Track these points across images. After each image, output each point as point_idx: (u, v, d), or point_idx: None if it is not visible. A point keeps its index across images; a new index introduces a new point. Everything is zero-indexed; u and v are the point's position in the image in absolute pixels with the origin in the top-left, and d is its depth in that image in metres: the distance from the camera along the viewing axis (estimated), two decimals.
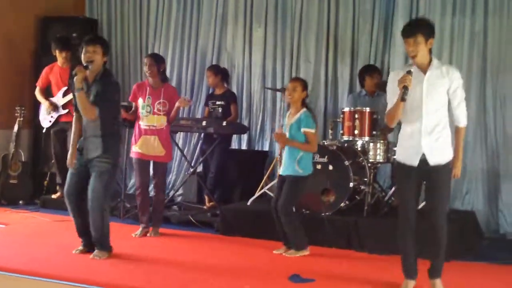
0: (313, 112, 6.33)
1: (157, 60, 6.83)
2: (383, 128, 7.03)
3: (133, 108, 6.87)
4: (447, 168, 4.76)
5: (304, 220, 6.36)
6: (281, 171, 6.23)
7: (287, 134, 6.16)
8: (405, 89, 4.60)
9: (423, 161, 4.72)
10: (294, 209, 6.18)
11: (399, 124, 4.92)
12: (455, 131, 4.81)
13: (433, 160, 4.71)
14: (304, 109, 6.18)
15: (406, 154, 4.82)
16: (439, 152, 4.72)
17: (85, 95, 5.55)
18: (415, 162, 4.74)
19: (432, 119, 4.71)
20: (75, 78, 5.53)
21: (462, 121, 4.79)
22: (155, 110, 6.71)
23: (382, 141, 6.93)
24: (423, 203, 5.24)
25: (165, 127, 6.79)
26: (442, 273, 4.86)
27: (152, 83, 6.80)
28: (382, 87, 7.23)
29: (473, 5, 7.65)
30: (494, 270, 5.85)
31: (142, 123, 6.74)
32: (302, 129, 6.11)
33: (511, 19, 7.49)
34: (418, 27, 4.68)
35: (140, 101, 6.75)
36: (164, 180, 7.12)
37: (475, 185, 7.65)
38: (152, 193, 7.15)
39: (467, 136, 7.49)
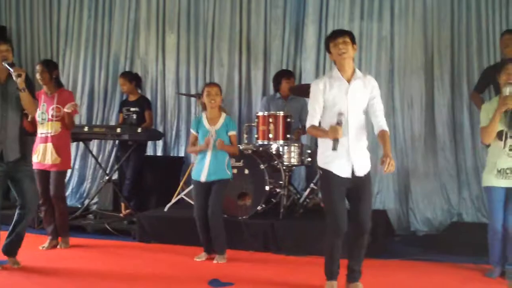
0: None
1: (48, 66, 6.64)
2: (298, 130, 7.19)
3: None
4: (370, 177, 4.93)
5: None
6: (204, 177, 6.14)
7: (216, 139, 6.16)
8: (335, 141, 4.64)
9: (352, 170, 4.80)
10: None
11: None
12: (382, 134, 4.79)
13: (361, 169, 4.82)
14: (224, 114, 6.25)
15: (334, 164, 4.83)
16: (365, 159, 4.86)
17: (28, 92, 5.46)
18: (345, 173, 4.80)
19: (357, 128, 4.80)
20: (18, 79, 5.37)
21: (384, 125, 4.83)
22: (49, 117, 6.53)
23: (296, 144, 7.05)
24: None
25: (60, 133, 6.57)
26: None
27: (46, 90, 6.64)
28: (295, 91, 7.38)
29: (380, 11, 7.91)
30: (406, 266, 6.05)
31: (39, 131, 6.54)
32: (230, 133, 6.19)
33: (416, 24, 7.79)
34: (346, 32, 4.83)
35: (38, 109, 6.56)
36: (62, 189, 6.76)
37: (386, 185, 7.89)
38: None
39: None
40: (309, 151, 7.19)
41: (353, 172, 4.80)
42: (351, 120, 4.78)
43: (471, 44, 7.61)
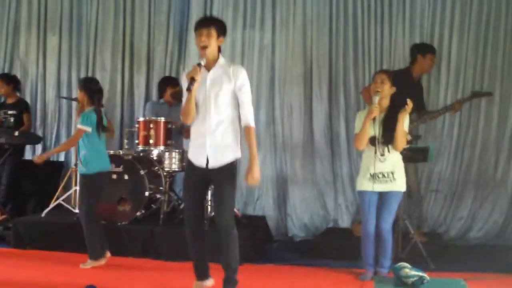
0: (100, 112, 6.23)
1: None
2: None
3: None
4: (230, 169, 4.78)
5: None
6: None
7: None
8: (192, 80, 4.61)
9: (208, 161, 4.76)
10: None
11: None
12: (246, 132, 4.76)
13: (216, 161, 4.75)
14: (87, 108, 6.17)
15: (194, 153, 4.84)
16: (222, 153, 4.74)
17: None
18: (201, 163, 4.78)
19: (216, 118, 4.74)
20: None
21: (249, 121, 4.75)
22: None
23: (177, 150, 7.07)
24: None
25: None
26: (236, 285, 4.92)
27: None
28: (178, 97, 7.40)
29: (262, 20, 8.06)
30: (282, 270, 6.21)
31: None
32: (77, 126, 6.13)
33: (296, 33, 7.99)
34: (213, 21, 4.80)
35: None
36: None
37: (265, 191, 8.05)
38: None
39: (257, 143, 7.83)
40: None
41: (209, 163, 4.75)
42: (211, 109, 4.73)
43: (348, 55, 7.88)
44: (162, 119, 7.02)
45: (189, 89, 4.63)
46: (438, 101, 7.60)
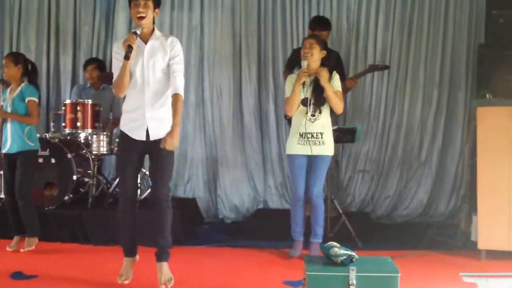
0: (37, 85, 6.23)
1: None
2: (110, 123, 7.14)
3: None
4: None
5: None
6: (6, 149, 6.03)
7: (9, 109, 6.01)
8: (129, 47, 4.57)
9: (147, 134, 4.76)
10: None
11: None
12: (174, 98, 4.71)
13: (157, 133, 4.75)
14: (24, 82, 6.11)
15: (131, 126, 4.81)
16: (161, 125, 4.74)
17: None
18: (140, 136, 4.77)
19: (155, 90, 4.74)
20: None
21: (179, 89, 4.71)
22: None
23: (105, 133, 6.98)
24: (148, 191, 5.35)
25: None
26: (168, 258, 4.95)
27: None
28: (104, 78, 7.30)
29: (190, 1, 8.00)
30: (213, 252, 6.23)
31: None
32: (27, 98, 6.03)
33: (225, 14, 7.96)
34: None
35: None
36: None
37: (196, 173, 8.04)
38: None
39: (187, 125, 7.87)
40: (118, 140, 7.14)
41: (148, 135, 4.76)
42: (149, 81, 4.73)
43: (276, 35, 7.92)
44: (90, 101, 6.92)
45: (127, 57, 4.59)
46: (365, 83, 7.73)
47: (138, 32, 4.68)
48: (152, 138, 4.76)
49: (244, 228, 7.19)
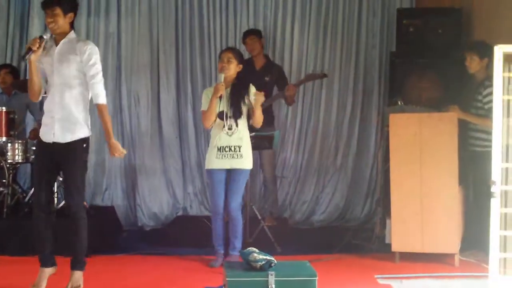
0: None
1: None
2: (34, 130, 6.99)
3: None
4: (76, 147, 4.74)
5: None
6: None
7: None
8: (28, 49, 4.59)
9: (55, 136, 4.73)
10: None
11: None
12: (99, 110, 4.73)
13: (62, 136, 4.71)
14: None
15: (43, 130, 4.80)
16: (68, 128, 4.71)
17: None
18: (50, 138, 4.74)
19: (62, 92, 4.69)
20: None
21: (99, 98, 4.70)
22: None
23: (20, 141, 6.82)
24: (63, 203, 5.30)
25: None
26: (84, 267, 4.92)
27: None
28: (17, 86, 7.16)
29: (106, 7, 7.93)
30: (133, 260, 6.18)
31: None
32: None
33: (142, 22, 7.94)
34: (57, 1, 4.68)
35: None
36: None
37: (114, 181, 7.97)
38: None
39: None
40: (34, 148, 7.00)
41: (54, 137, 4.73)
42: (58, 84, 4.70)
43: (194, 43, 7.96)
44: (4, 108, 6.75)
45: (23, 58, 4.64)
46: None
47: (45, 36, 4.68)
48: (56, 140, 4.71)
49: (163, 235, 7.17)
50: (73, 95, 4.72)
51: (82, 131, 4.76)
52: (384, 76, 7.88)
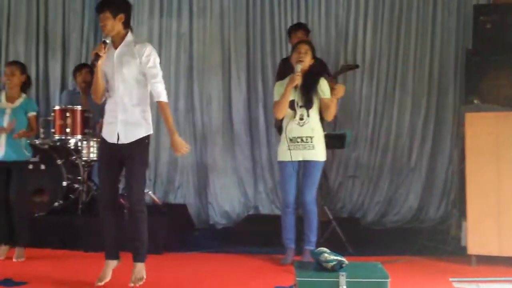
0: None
1: None
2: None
3: None
4: (139, 146, 4.85)
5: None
6: (1, 155, 5.95)
7: (7, 118, 5.96)
8: (96, 55, 4.72)
9: (119, 137, 4.83)
10: None
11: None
12: (159, 107, 4.84)
13: (126, 137, 4.82)
14: (24, 94, 6.11)
15: (106, 130, 4.93)
16: (132, 129, 4.82)
17: None
18: (113, 139, 4.85)
19: (125, 95, 4.81)
20: None
21: (160, 96, 4.80)
22: None
23: (95, 139, 6.95)
24: None
25: None
26: (146, 259, 4.97)
27: None
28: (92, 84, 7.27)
29: (179, 8, 8.03)
30: (204, 258, 6.22)
31: None
32: (30, 113, 6.06)
33: (214, 22, 8.00)
34: (106, 4, 4.79)
35: None
36: None
37: (186, 179, 8.06)
38: None
39: (178, 131, 7.78)
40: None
41: (118, 139, 4.84)
42: (119, 86, 4.82)
43: (265, 42, 7.96)
44: (79, 107, 6.89)
45: (93, 64, 4.79)
46: (354, 89, 7.77)
47: (108, 41, 4.78)
48: (121, 141, 4.83)
49: (235, 234, 7.18)
50: (134, 96, 4.84)
51: (144, 130, 4.88)
52: (460, 74, 7.67)
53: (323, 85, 5.76)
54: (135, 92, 4.84)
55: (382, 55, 7.81)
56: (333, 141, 6.39)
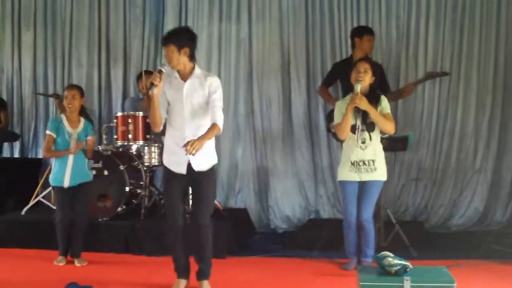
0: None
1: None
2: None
3: None
4: (210, 174, 5.02)
5: None
6: (67, 182, 6.06)
7: (73, 142, 6.07)
8: (151, 85, 4.78)
9: (189, 167, 4.91)
10: None
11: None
12: (210, 125, 4.88)
13: (198, 167, 4.91)
14: (82, 118, 6.22)
15: (172, 161, 4.99)
16: (201, 159, 4.90)
17: None
18: (181, 170, 4.93)
19: (195, 124, 4.90)
20: None
21: (217, 120, 4.86)
22: None
23: (156, 145, 7.03)
24: None
25: None
26: (211, 273, 5.06)
27: None
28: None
29: (238, 13, 8.03)
30: (265, 262, 6.22)
31: None
32: (89, 138, 6.17)
33: (273, 26, 7.97)
34: (170, 38, 4.86)
35: None
36: None
37: (247, 183, 8.05)
38: None
39: (237, 136, 7.93)
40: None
41: (190, 168, 4.90)
42: (187, 116, 4.90)
43: (325, 46, 7.88)
44: (141, 113, 6.98)
45: (148, 94, 4.89)
46: (416, 91, 7.62)
47: (164, 69, 4.85)
48: (196, 169, 4.92)
49: (296, 238, 7.12)
50: (202, 125, 4.90)
51: (213, 159, 5.05)
52: None
53: (384, 104, 5.67)
54: (203, 121, 4.91)
55: (445, 54, 7.64)
56: (396, 143, 6.30)
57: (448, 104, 7.66)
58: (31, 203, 7.26)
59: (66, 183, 6.06)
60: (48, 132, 6.16)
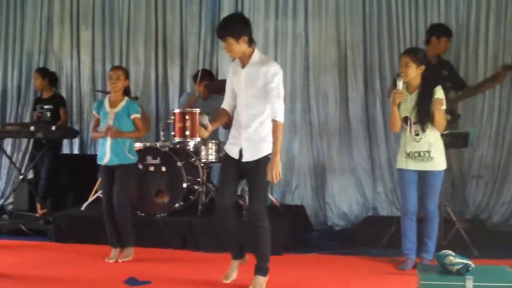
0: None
1: None
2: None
3: None
4: (261, 163, 4.87)
5: (139, 222, 6.44)
6: (106, 161, 6.09)
7: (110, 122, 6.07)
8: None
9: (240, 154, 4.93)
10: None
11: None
12: (273, 126, 4.84)
13: (247, 155, 4.90)
14: (126, 97, 6.22)
15: (229, 144, 5.05)
16: (254, 146, 4.89)
17: None
18: (235, 154, 4.96)
19: (250, 113, 4.90)
20: None
21: (276, 115, 4.80)
22: None
23: (213, 141, 7.05)
24: None
25: None
26: (269, 268, 5.04)
27: None
28: (212, 88, 7.39)
29: (294, 8, 8.00)
30: (322, 259, 6.19)
31: None
32: (132, 115, 6.15)
33: (329, 21, 7.92)
34: (225, 30, 4.82)
35: None
36: None
37: (303, 180, 8.01)
38: None
39: (293, 132, 7.87)
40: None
41: (241, 155, 4.92)
42: (244, 105, 4.93)
43: (382, 40, 7.78)
44: (198, 110, 7.00)
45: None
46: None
47: (206, 122, 4.97)
48: (244, 159, 4.92)
49: (353, 235, 7.07)
50: (257, 114, 4.89)
51: (267, 148, 4.90)
52: None
53: (439, 94, 5.52)
54: (259, 111, 4.89)
55: (506, 47, 7.43)
56: (456, 140, 6.17)
57: (510, 99, 7.48)
58: (91, 199, 7.37)
59: (105, 161, 6.11)
60: (93, 112, 6.32)
